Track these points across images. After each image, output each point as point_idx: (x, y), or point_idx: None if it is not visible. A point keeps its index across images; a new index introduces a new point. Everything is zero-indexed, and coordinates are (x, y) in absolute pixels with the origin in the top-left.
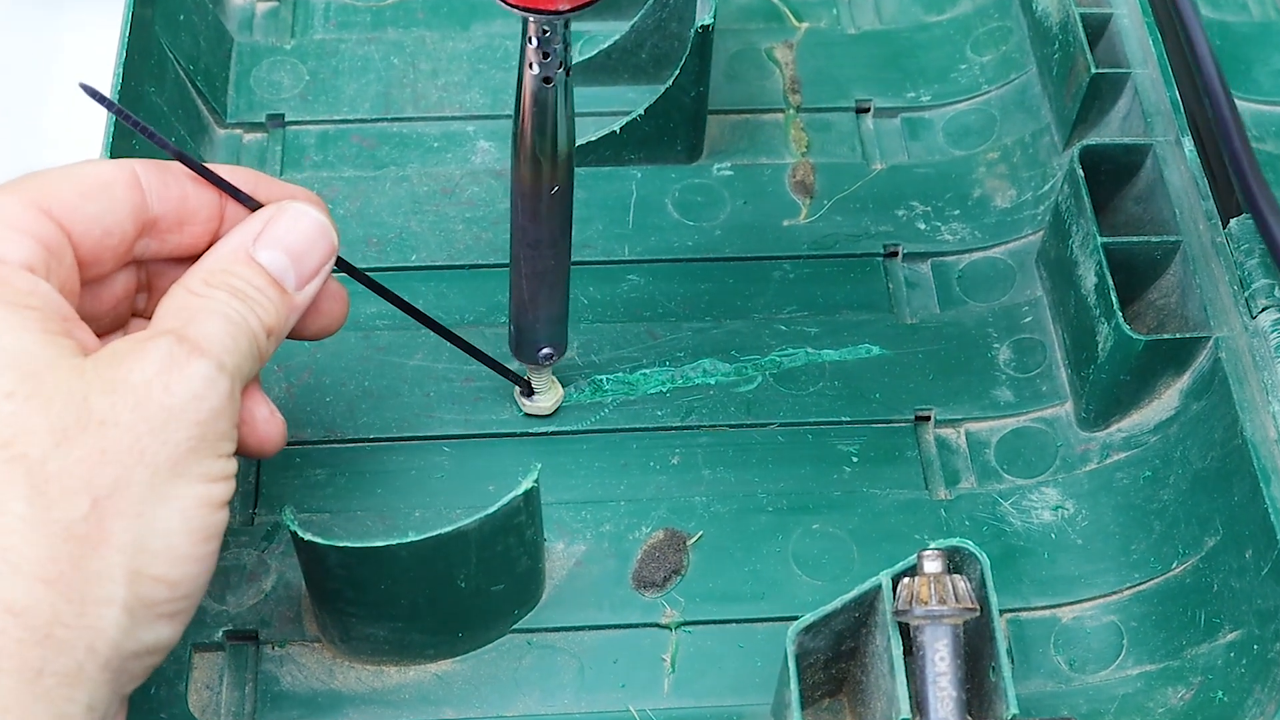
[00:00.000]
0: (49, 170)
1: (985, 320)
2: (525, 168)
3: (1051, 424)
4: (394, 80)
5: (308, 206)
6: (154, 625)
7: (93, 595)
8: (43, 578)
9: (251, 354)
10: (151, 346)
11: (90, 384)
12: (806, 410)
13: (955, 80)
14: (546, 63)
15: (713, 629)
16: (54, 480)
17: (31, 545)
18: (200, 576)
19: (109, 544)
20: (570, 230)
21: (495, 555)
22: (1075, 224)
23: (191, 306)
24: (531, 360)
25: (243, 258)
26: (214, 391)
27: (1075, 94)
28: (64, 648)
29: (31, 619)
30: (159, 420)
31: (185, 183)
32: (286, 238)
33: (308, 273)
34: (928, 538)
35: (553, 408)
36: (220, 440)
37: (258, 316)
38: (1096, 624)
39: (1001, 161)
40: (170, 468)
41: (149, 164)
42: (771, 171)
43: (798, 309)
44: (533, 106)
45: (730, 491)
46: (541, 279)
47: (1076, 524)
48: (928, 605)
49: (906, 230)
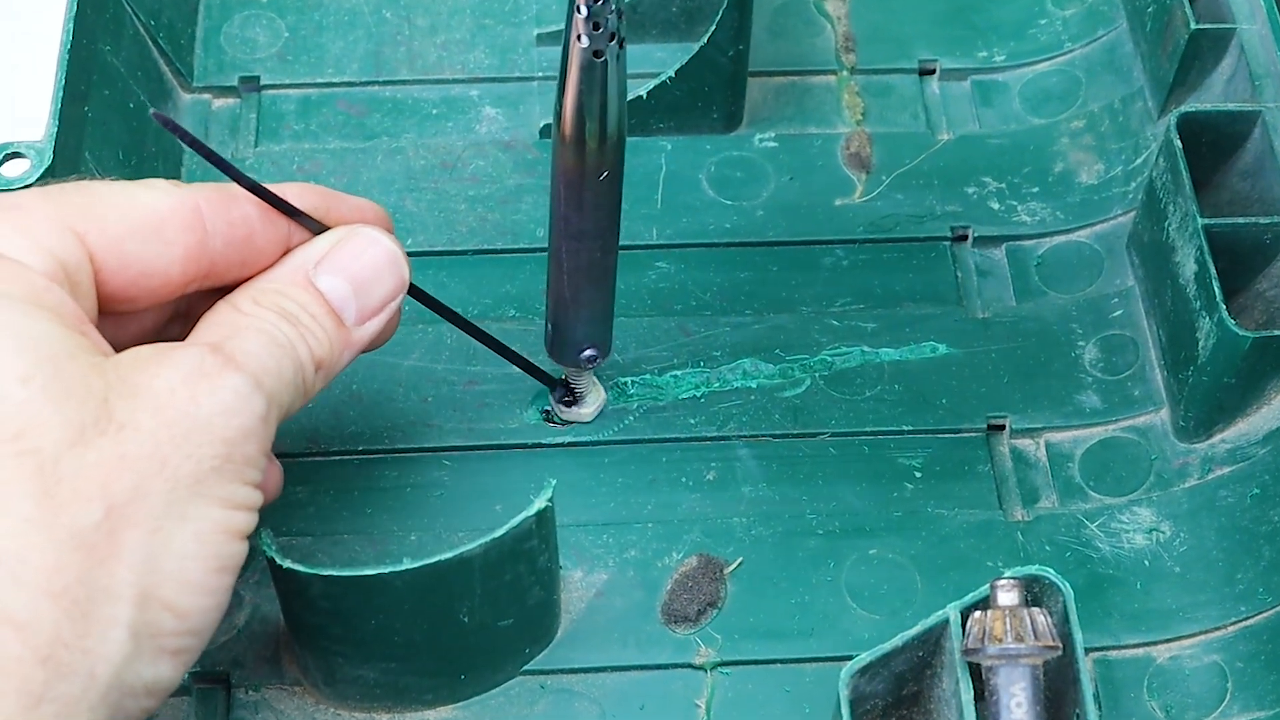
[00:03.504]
0: (100, 186)
1: (1068, 314)
2: (569, 151)
3: (1145, 434)
4: (386, 37)
5: (381, 234)
6: (156, 660)
7: (98, 615)
8: (47, 590)
9: (295, 385)
10: (180, 354)
11: (111, 384)
12: (862, 418)
13: (1034, 37)
14: (597, 34)
15: (754, 670)
16: (66, 482)
17: (38, 552)
18: (210, 613)
19: (120, 558)
20: (619, 220)
21: (503, 585)
22: (1172, 203)
23: (234, 323)
24: (572, 362)
25: (300, 281)
26: (246, 409)
27: (1172, 53)
28: (65, 671)
29: (33, 635)
30: (182, 431)
31: (253, 219)
32: (352, 265)
33: (371, 307)
34: (1002, 565)
35: (594, 414)
36: (247, 465)
37: (307, 345)
38: (1197, 664)
39: (1087, 131)
40: (191, 484)
41: (216, 198)
42: (822, 143)
43: (852, 301)
44: (580, 83)
45: (774, 512)
46: (585, 274)
47: (1174, 549)
48: (1002, 643)
49: (977, 210)
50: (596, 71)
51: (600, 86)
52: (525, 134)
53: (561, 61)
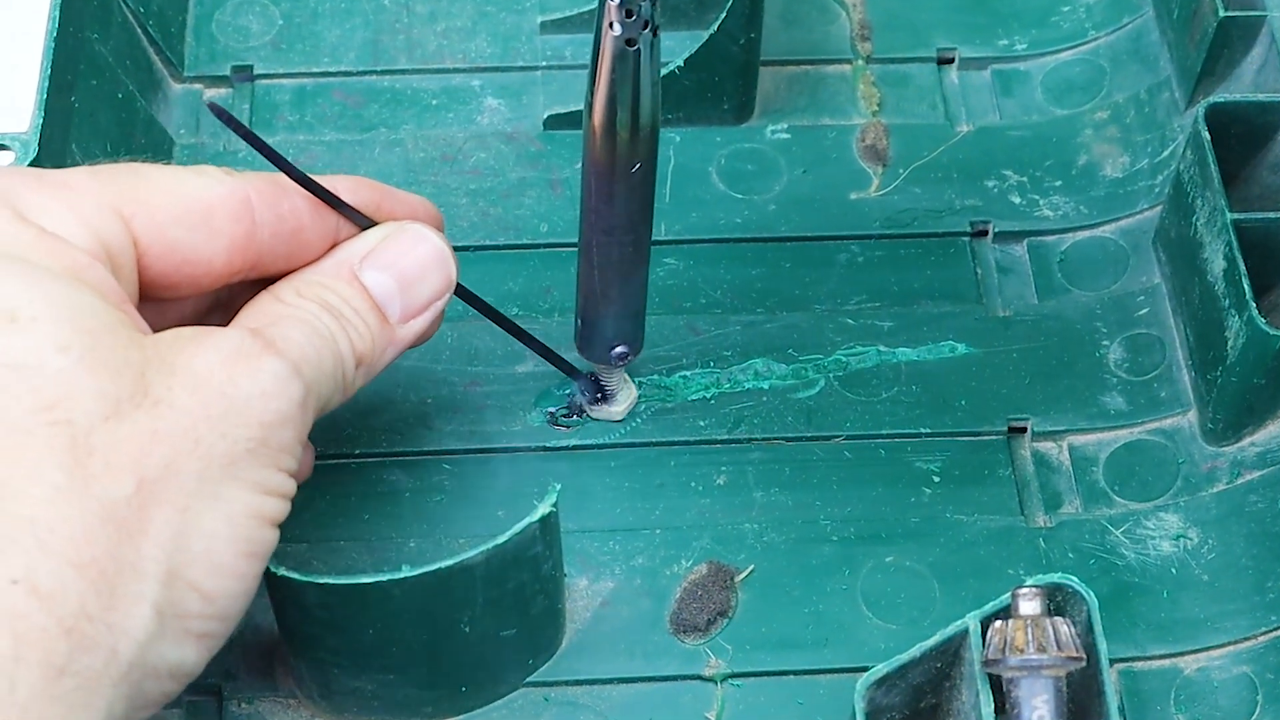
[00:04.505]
0: (151, 169)
1: (1092, 312)
2: (600, 143)
3: (1172, 437)
4: (384, 25)
5: (429, 231)
6: (181, 642)
7: (124, 590)
8: (74, 560)
9: (335, 377)
10: (220, 335)
11: (149, 359)
12: (878, 420)
13: (1056, 25)
14: (630, 22)
15: (766, 682)
16: (99, 453)
17: (66, 521)
18: (237, 599)
19: (148, 534)
20: (651, 214)
21: (506, 594)
22: (1200, 197)
23: (276, 313)
24: (602, 360)
25: (345, 274)
26: (284, 394)
27: (1200, 41)
28: (88, 645)
29: (58, 606)
30: (218, 410)
31: (302, 213)
32: (399, 261)
33: (416, 305)
34: (1024, 573)
35: (624, 413)
36: (282, 452)
37: (349, 339)
38: (1226, 676)
39: (1112, 122)
40: (224, 465)
41: (267, 189)
42: (836, 134)
43: (868, 299)
44: (611, 73)
45: (787, 517)
46: (617, 269)
47: (1202, 556)
48: (1024, 654)
49: (998, 205)
50: (629, 61)
51: (633, 76)
52: (528, 125)
53: (593, 49)
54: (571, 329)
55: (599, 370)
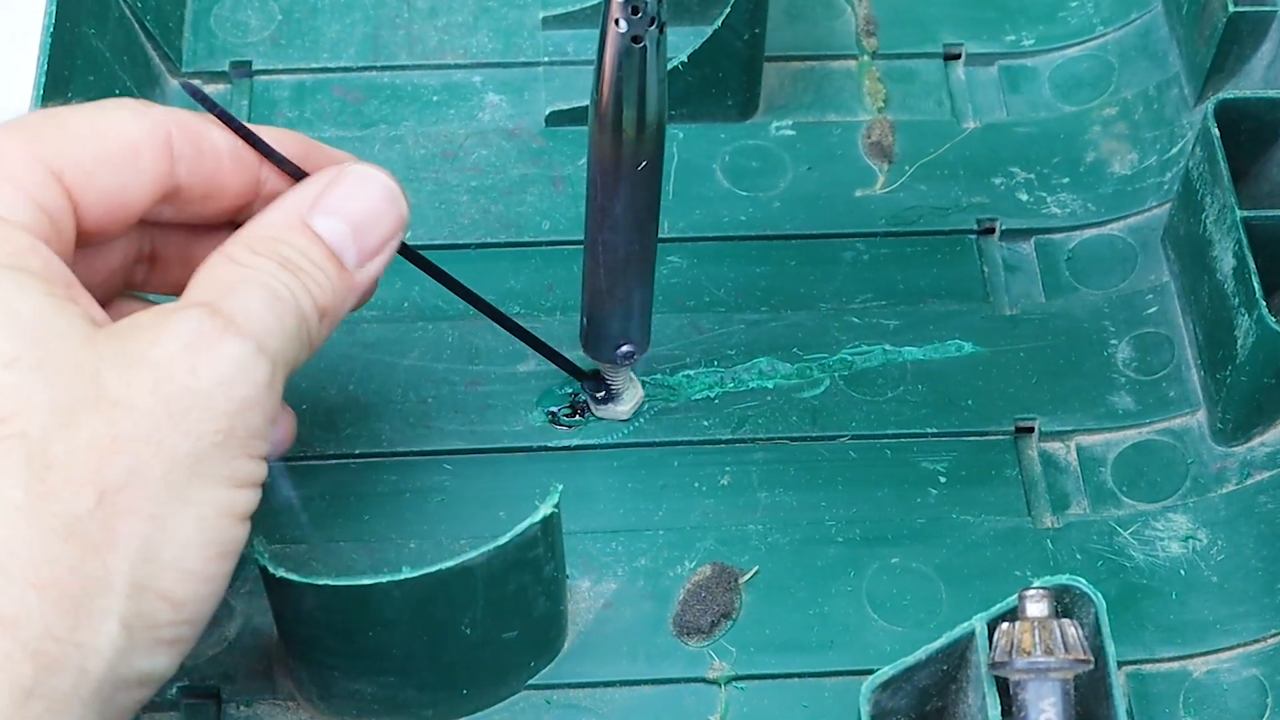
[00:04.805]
0: (68, 114)
1: (1100, 311)
2: (605, 140)
3: (1181, 437)
4: (384, 20)
5: (375, 170)
6: (151, 651)
7: (89, 607)
8: (35, 582)
9: (300, 337)
10: (178, 320)
11: (103, 357)
12: (884, 420)
13: (1064, 20)
14: (637, 19)
15: (770, 685)
16: (57, 467)
17: (26, 543)
18: (208, 600)
19: (114, 548)
20: (658, 212)
21: (507, 596)
22: (1209, 194)
23: (231, 278)
24: (607, 359)
25: (296, 225)
26: (248, 378)
27: (1210, 37)
28: (55, 666)
29: (21, 630)
30: (181, 407)
31: (221, 153)
32: (348, 205)
33: (371, 247)
34: (1031, 575)
35: (630, 412)
36: (251, 438)
37: (310, 294)
38: (1235, 679)
39: (1120, 119)
40: (190, 464)
41: (185, 125)
42: (841, 131)
43: (873, 297)
44: (617, 70)
45: (792, 518)
46: (623, 267)
47: (1211, 558)
48: (1031, 656)
49: (1005, 202)
50: (635, 58)
51: (639, 73)
52: (530, 122)
53: (599, 46)
54: (574, 327)
55: (604, 369)
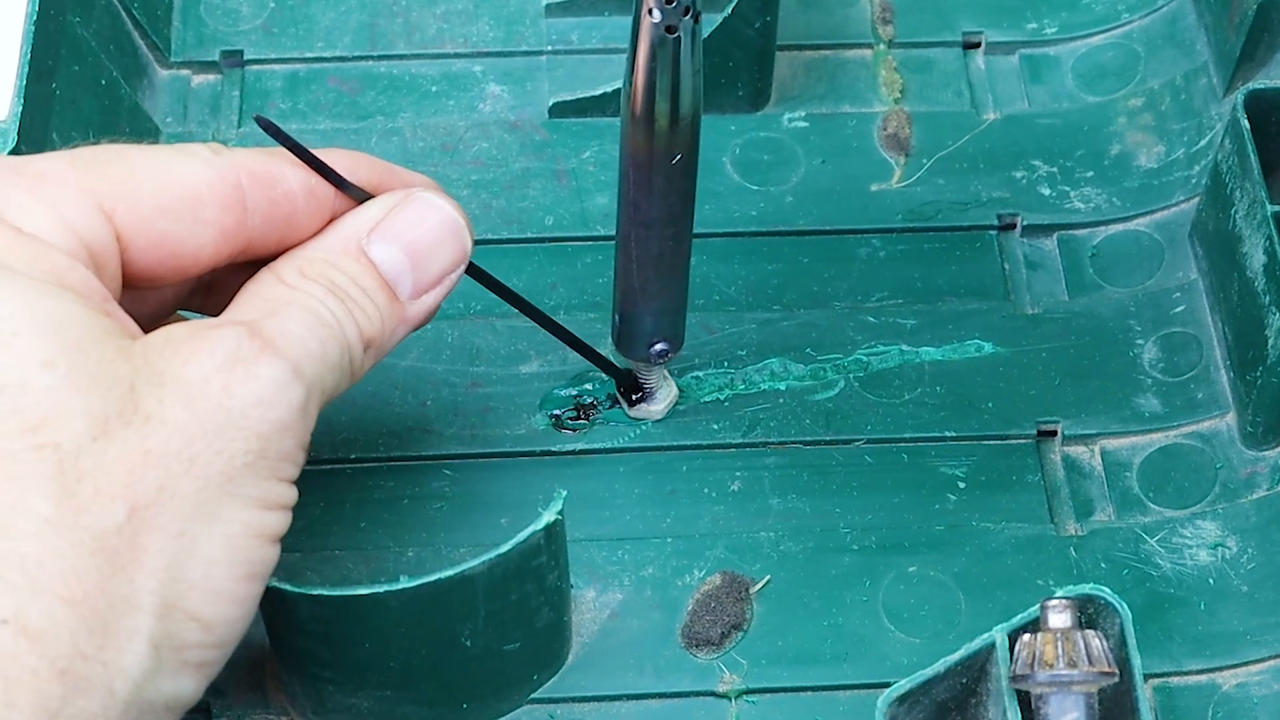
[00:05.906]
0: (135, 154)
1: (1126, 310)
2: (638, 134)
3: (1209, 440)
4: (381, 8)
5: (442, 199)
6: (178, 674)
7: (117, 625)
8: (65, 596)
9: (340, 367)
10: (216, 337)
11: (138, 370)
12: (901, 423)
13: (1088, 7)
14: (671, 9)
15: (783, 698)
16: (88, 479)
17: (55, 556)
18: (236, 624)
19: (141, 565)
20: (692, 206)
21: (509, 606)
22: (1239, 189)
23: (277, 298)
24: (641, 357)
25: (352, 250)
26: (282, 400)
27: (1239, 25)
28: (83, 686)
29: (49, 646)
30: (214, 425)
31: (295, 195)
32: (409, 233)
33: (428, 280)
34: (1053, 584)
35: (664, 411)
36: (283, 461)
37: (356, 323)
38: (1266, 692)
39: (1146, 110)
40: (221, 483)
41: (256, 173)
42: (856, 123)
43: (889, 296)
44: (650, 61)
45: (805, 525)
46: (656, 263)
47: (1241, 566)
48: (1053, 669)
49: (1027, 196)
50: (669, 49)
51: (673, 64)
52: (533, 113)
53: (631, 36)
54: (579, 326)
55: (637, 368)
